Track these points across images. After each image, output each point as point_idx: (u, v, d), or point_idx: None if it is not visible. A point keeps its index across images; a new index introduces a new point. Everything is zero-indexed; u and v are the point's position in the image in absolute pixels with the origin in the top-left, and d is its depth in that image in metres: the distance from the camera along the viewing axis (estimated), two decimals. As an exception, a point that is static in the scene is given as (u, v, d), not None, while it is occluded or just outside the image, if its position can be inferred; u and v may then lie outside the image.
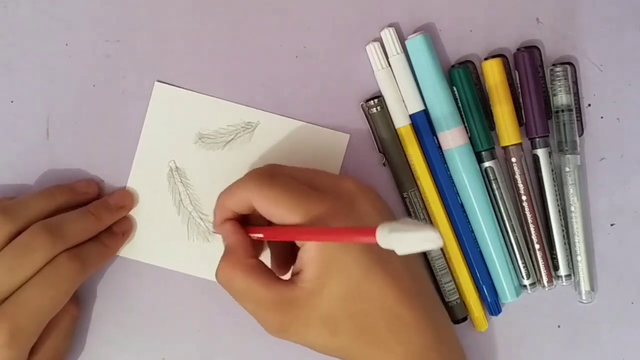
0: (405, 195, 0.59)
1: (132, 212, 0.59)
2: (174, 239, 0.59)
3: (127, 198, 0.59)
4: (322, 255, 0.50)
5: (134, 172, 0.59)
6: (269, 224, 0.53)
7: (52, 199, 0.56)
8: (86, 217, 0.56)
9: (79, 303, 0.58)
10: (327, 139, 0.59)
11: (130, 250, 0.59)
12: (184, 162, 0.59)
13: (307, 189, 0.52)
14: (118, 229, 0.58)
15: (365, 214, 0.52)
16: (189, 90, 0.59)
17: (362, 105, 0.59)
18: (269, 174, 0.53)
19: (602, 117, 0.60)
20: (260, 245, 0.56)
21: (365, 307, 0.51)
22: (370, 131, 0.59)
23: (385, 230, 0.42)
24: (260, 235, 0.53)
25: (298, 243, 0.52)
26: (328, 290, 0.50)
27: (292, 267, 0.54)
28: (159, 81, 0.59)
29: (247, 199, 0.52)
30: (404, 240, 0.42)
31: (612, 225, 0.60)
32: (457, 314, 0.59)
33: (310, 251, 0.50)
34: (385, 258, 0.51)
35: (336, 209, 0.51)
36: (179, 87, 0.59)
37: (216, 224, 0.55)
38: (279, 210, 0.51)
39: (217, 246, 0.58)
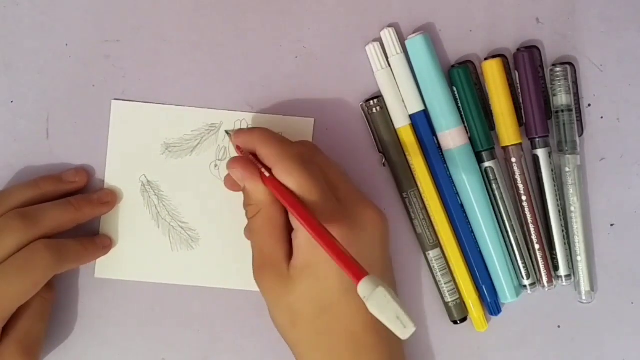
0: (405, 196, 0.59)
1: (113, 235, 0.59)
2: (158, 253, 0.59)
3: (111, 195, 0.59)
4: (309, 252, 0.51)
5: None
6: None
7: (36, 188, 0.56)
8: (64, 207, 0.56)
9: (53, 286, 0.57)
10: (293, 126, 0.59)
11: (118, 271, 0.59)
12: (154, 174, 0.59)
13: (332, 200, 0.52)
14: (99, 241, 0.58)
15: (365, 246, 0.53)
16: (147, 102, 0.59)
17: (362, 105, 0.59)
18: (304, 159, 0.52)
19: (602, 117, 0.60)
20: None
21: (332, 322, 0.52)
22: (370, 131, 0.59)
23: (371, 283, 0.43)
24: (266, 174, 0.52)
25: (293, 224, 0.52)
26: (304, 286, 0.51)
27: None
28: (115, 99, 0.59)
29: (270, 162, 0.52)
30: (381, 306, 0.43)
31: (612, 225, 0.60)
32: (457, 314, 0.59)
33: (301, 241, 0.51)
34: None
35: (348, 229, 0.51)
36: (136, 101, 0.59)
37: (237, 141, 0.56)
38: (295, 188, 0.51)
39: (201, 251, 0.59)
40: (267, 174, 0.52)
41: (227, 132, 0.59)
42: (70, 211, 0.56)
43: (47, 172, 0.59)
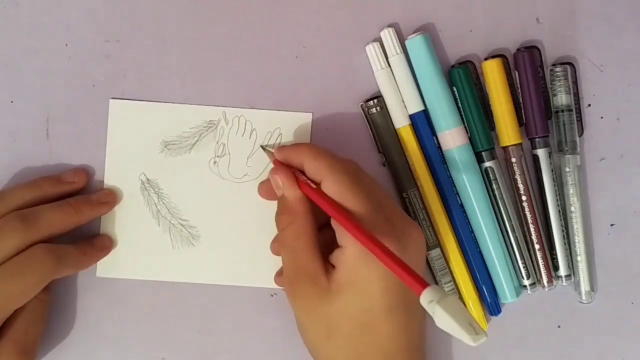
0: (405, 196, 0.59)
1: (113, 234, 0.59)
2: (159, 251, 0.59)
3: (110, 195, 0.59)
4: (356, 269, 0.51)
5: None
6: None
7: (36, 189, 0.56)
8: (63, 209, 0.56)
9: (50, 289, 0.57)
10: (291, 121, 0.59)
11: (120, 270, 0.59)
12: (154, 172, 0.59)
13: (382, 218, 0.52)
14: (98, 243, 0.58)
15: (411, 264, 0.52)
16: (145, 101, 0.59)
17: (362, 105, 0.59)
18: (354, 174, 0.53)
19: (602, 117, 0.60)
20: None
21: (369, 339, 0.51)
22: (370, 131, 0.59)
23: (437, 291, 0.44)
24: (313, 186, 0.53)
25: (339, 241, 0.52)
26: (346, 301, 0.51)
27: (330, 256, 0.53)
28: (113, 98, 0.59)
29: (320, 175, 0.52)
30: (454, 313, 0.43)
31: (612, 225, 0.60)
32: (457, 314, 0.59)
33: (347, 257, 0.51)
34: (407, 304, 0.52)
35: (397, 246, 0.51)
36: (134, 100, 0.59)
37: (280, 156, 0.56)
38: (350, 206, 0.51)
39: (202, 248, 0.59)
40: (313, 186, 0.53)
41: (262, 147, 0.59)
42: (70, 213, 0.56)
43: (47, 172, 0.59)
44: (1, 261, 0.52)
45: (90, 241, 0.58)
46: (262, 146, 0.59)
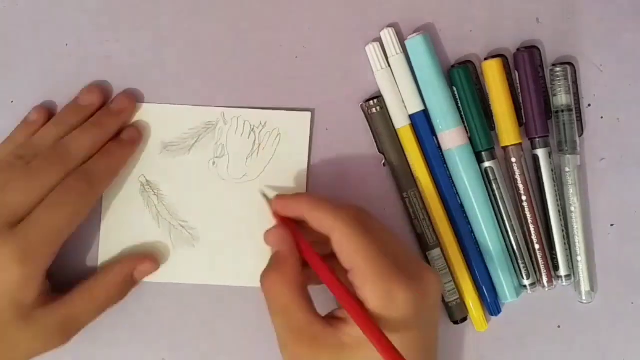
0: (405, 196, 0.59)
1: (114, 237, 0.59)
2: (159, 252, 0.59)
3: (127, 101, 0.58)
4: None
5: (105, 194, 0.59)
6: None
7: (63, 125, 0.57)
8: (89, 130, 0.56)
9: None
10: (290, 120, 0.59)
11: None
12: (153, 174, 0.59)
13: (394, 265, 0.50)
14: (126, 136, 0.58)
15: (429, 310, 0.52)
16: (144, 103, 0.59)
17: (361, 105, 0.59)
18: (361, 222, 0.51)
19: (602, 117, 0.60)
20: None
21: None
22: (370, 131, 0.59)
23: None
24: (321, 264, 0.51)
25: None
26: (364, 353, 0.49)
27: (336, 310, 0.53)
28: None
29: (328, 228, 0.51)
30: None
31: (612, 225, 0.60)
32: (457, 314, 0.59)
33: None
34: (426, 345, 0.52)
35: (414, 312, 0.50)
36: (140, 102, 0.59)
37: (278, 208, 0.55)
38: (360, 266, 0.50)
39: (202, 249, 0.59)
40: (321, 261, 0.51)
41: (262, 194, 0.59)
42: (95, 133, 0.56)
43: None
44: (44, 196, 0.53)
45: (117, 139, 0.58)
46: (262, 193, 0.58)
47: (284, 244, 0.53)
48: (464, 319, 0.60)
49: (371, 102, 0.58)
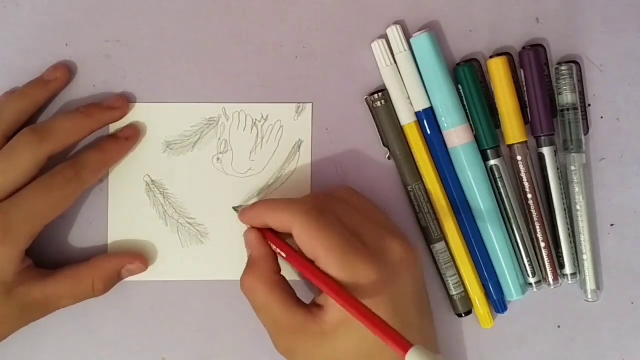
0: (409, 189, 0.59)
1: (122, 237, 0.59)
2: (169, 251, 0.59)
3: (121, 101, 0.58)
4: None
5: (111, 196, 0.59)
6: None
7: (23, 97, 0.57)
8: (74, 115, 0.56)
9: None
10: (291, 112, 0.59)
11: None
12: (158, 173, 0.59)
13: (356, 243, 0.52)
14: (122, 134, 0.58)
15: (403, 293, 0.53)
16: (145, 102, 0.59)
17: (366, 98, 0.59)
18: (318, 210, 0.52)
19: (602, 117, 0.60)
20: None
21: None
22: (375, 125, 0.59)
23: (420, 354, 0.44)
24: (283, 255, 0.53)
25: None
26: (343, 339, 0.51)
27: (315, 297, 0.54)
28: None
29: (287, 226, 0.52)
30: None
31: (612, 225, 0.61)
32: (462, 307, 0.59)
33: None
34: (405, 323, 0.52)
35: (380, 278, 0.51)
36: (133, 102, 0.59)
37: (244, 221, 0.56)
38: (321, 256, 0.51)
39: (211, 245, 0.59)
40: (284, 255, 0.53)
41: (234, 208, 0.59)
42: (82, 119, 0.56)
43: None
44: (23, 175, 0.53)
45: (113, 136, 0.58)
46: (234, 208, 0.59)
47: (255, 246, 0.54)
48: (469, 312, 0.60)
49: (375, 95, 0.58)
